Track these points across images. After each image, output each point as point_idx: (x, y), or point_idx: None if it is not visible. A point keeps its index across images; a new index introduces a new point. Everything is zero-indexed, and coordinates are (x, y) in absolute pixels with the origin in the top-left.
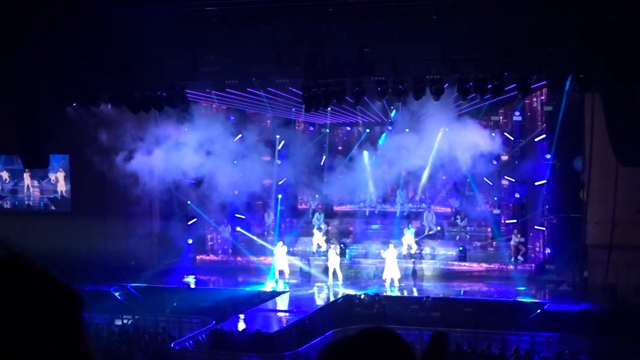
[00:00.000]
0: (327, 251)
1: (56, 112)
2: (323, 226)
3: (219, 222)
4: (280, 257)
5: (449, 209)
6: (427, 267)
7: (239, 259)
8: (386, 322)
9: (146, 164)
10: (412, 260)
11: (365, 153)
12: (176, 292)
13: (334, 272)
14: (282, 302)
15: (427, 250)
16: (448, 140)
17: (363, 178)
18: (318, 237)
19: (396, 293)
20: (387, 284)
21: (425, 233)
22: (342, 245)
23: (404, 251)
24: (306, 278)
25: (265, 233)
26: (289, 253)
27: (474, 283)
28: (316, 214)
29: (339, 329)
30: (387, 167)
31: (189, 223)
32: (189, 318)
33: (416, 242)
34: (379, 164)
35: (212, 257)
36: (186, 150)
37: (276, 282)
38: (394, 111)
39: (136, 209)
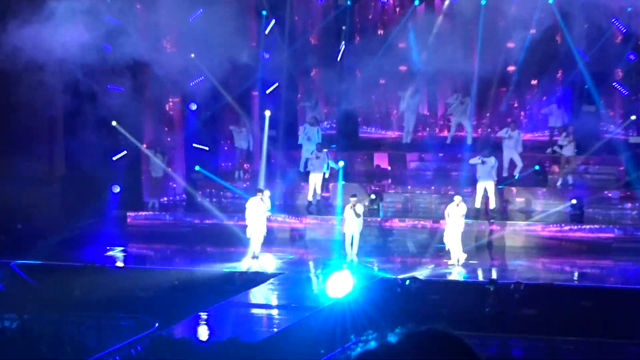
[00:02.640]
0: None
1: None
2: (332, 164)
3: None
4: (257, 217)
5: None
6: (514, 232)
7: (197, 220)
8: (441, 324)
9: (30, 35)
10: (490, 220)
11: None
12: (92, 275)
13: (352, 242)
14: (271, 292)
15: (514, 204)
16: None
17: (404, 82)
18: (316, 179)
19: (459, 275)
20: (452, 261)
21: (516, 172)
22: (372, 197)
23: (478, 204)
24: (312, 251)
25: (241, 174)
26: (282, 209)
27: (594, 260)
28: (323, 151)
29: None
30: (447, 59)
31: (115, 158)
32: (114, 317)
33: (498, 191)
34: (435, 54)
35: (153, 215)
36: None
37: (258, 257)
38: None
39: (20, 130)
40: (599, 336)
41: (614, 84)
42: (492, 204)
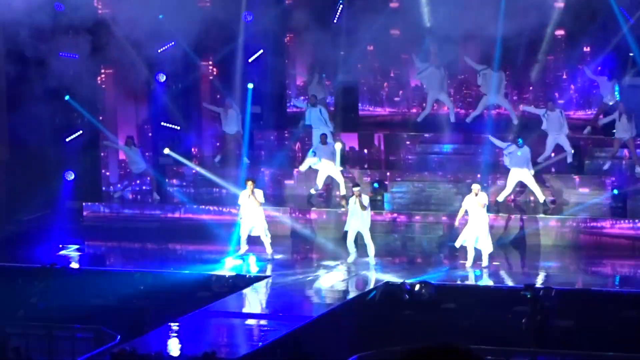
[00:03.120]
0: (347, 201)
1: None
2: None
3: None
4: (249, 211)
5: (586, 114)
6: (543, 229)
7: (167, 214)
8: (459, 338)
9: None
10: (517, 215)
11: None
12: (42, 277)
13: (357, 239)
14: (255, 299)
15: (543, 195)
16: None
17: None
18: (327, 168)
19: (484, 280)
20: (468, 263)
21: (546, 158)
22: (375, 186)
23: (501, 197)
24: (305, 250)
25: (220, 159)
26: (270, 202)
27: (638, 262)
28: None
29: (368, 354)
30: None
31: (69, 139)
32: (68, 328)
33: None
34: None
35: (115, 207)
36: None
37: (243, 258)
38: None
39: None
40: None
41: None
42: (540, 196)
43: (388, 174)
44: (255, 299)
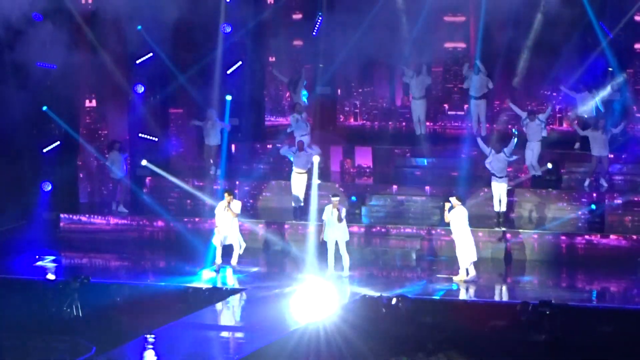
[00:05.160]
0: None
1: None
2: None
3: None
4: (226, 223)
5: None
6: (521, 243)
7: (146, 222)
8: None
9: None
10: (501, 229)
11: None
12: (17, 289)
13: (337, 251)
14: (231, 311)
15: (524, 208)
16: None
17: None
18: (298, 180)
19: (461, 294)
20: (460, 277)
21: (531, 172)
22: (353, 199)
23: (497, 207)
24: (281, 263)
25: (216, 170)
26: (248, 214)
27: (617, 276)
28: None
29: None
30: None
31: (46, 149)
32: (43, 340)
33: (508, 192)
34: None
35: (92, 218)
36: None
37: (220, 270)
38: None
39: None
40: None
41: None
42: (503, 207)
43: (367, 187)
44: (231, 312)
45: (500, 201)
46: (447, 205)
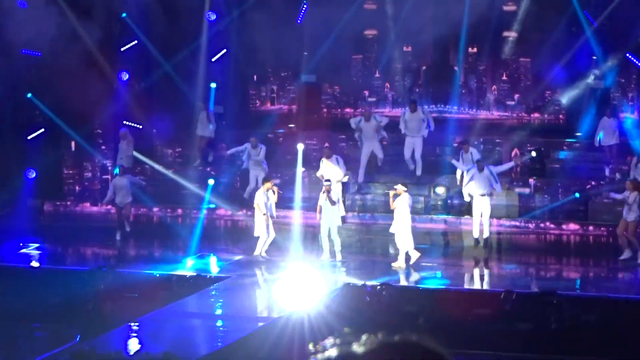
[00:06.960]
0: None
1: None
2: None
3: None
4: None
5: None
6: (504, 232)
7: (133, 210)
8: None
9: None
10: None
11: None
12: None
13: (330, 236)
14: (215, 299)
15: (503, 195)
16: None
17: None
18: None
19: (445, 282)
20: (399, 263)
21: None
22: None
23: (467, 197)
24: (266, 250)
25: (199, 163)
26: (234, 204)
27: (601, 265)
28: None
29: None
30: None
31: (31, 137)
32: (26, 328)
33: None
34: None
35: (77, 206)
36: None
37: (203, 257)
38: None
39: None
40: (599, 355)
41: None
42: (486, 232)
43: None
44: (215, 300)
45: (481, 223)
46: (392, 192)
